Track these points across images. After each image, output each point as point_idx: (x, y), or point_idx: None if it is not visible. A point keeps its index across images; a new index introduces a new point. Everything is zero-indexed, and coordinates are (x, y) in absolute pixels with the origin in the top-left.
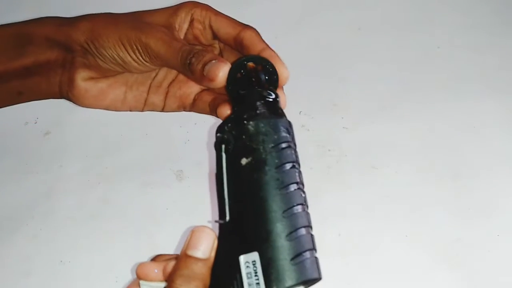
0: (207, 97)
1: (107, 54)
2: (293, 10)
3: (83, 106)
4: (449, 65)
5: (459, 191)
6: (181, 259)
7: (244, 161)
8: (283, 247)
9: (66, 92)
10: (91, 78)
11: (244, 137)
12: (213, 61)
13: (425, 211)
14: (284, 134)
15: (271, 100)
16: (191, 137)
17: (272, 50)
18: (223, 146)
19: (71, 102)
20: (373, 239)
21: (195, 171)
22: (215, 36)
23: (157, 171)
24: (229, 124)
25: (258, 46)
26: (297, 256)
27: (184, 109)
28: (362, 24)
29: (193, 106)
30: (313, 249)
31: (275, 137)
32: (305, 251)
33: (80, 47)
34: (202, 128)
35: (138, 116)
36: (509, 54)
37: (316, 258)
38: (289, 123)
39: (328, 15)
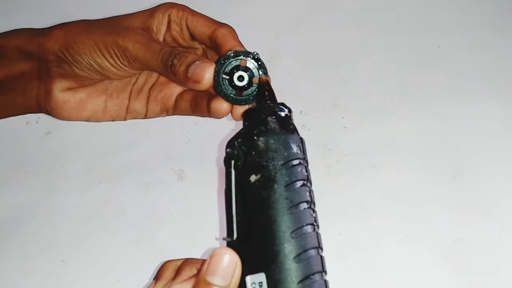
0: (188, 96)
1: (83, 61)
2: (294, 10)
3: (62, 119)
4: (449, 65)
5: (459, 190)
6: (200, 284)
7: (253, 178)
8: (290, 269)
9: (44, 105)
10: (69, 89)
11: (253, 153)
12: (197, 62)
13: (425, 210)
14: (294, 151)
15: (282, 115)
16: (191, 137)
17: (242, 47)
18: (233, 162)
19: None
20: (374, 239)
21: (196, 170)
22: (192, 36)
23: (158, 171)
24: (239, 140)
25: (229, 44)
26: (305, 279)
27: (167, 112)
28: (362, 24)
29: (176, 108)
30: (323, 271)
31: (285, 154)
32: (313, 274)
33: (54, 56)
34: (203, 128)
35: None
36: (509, 54)
37: (325, 281)
38: (301, 139)
39: (328, 15)
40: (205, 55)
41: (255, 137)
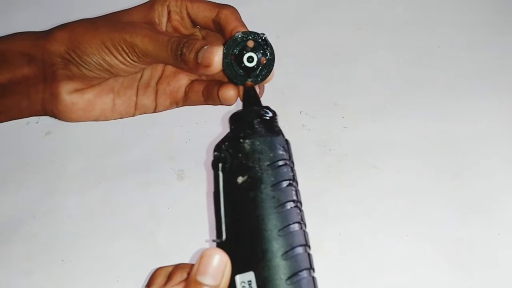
0: (199, 87)
1: (92, 61)
2: (294, 10)
3: (70, 121)
4: (449, 65)
5: (459, 190)
6: (191, 284)
7: (240, 179)
8: (278, 267)
9: (51, 109)
10: (76, 90)
11: (240, 155)
12: (205, 47)
13: (425, 210)
14: (280, 152)
15: (267, 118)
16: (192, 137)
17: (246, 28)
18: (220, 165)
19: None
20: (374, 239)
21: (196, 170)
22: (194, 23)
23: (158, 171)
24: (226, 143)
25: (232, 25)
26: (293, 275)
27: (177, 104)
28: (362, 24)
29: (186, 100)
30: (310, 268)
31: (271, 155)
32: (301, 271)
33: (60, 58)
34: (203, 127)
35: (139, 115)
36: (509, 53)
37: (313, 277)
38: (286, 141)
39: (328, 15)
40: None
41: (241, 140)
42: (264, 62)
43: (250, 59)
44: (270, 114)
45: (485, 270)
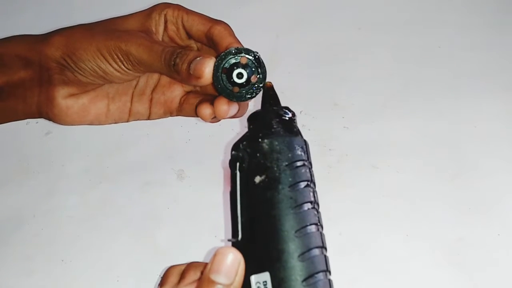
0: (194, 100)
1: (87, 67)
2: (294, 10)
3: (64, 124)
4: (449, 65)
5: (459, 190)
6: (204, 282)
7: (257, 179)
8: (294, 268)
9: (46, 112)
10: (71, 95)
11: (258, 155)
12: (198, 58)
13: (425, 210)
14: (298, 152)
15: (286, 118)
16: (192, 137)
17: (240, 44)
18: (238, 164)
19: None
20: (374, 238)
21: (196, 170)
22: (188, 35)
23: (158, 171)
24: (244, 142)
25: (226, 41)
26: (309, 277)
27: (171, 114)
28: (362, 24)
29: (181, 111)
30: (327, 270)
31: (290, 155)
32: (318, 273)
33: (56, 63)
34: (203, 127)
35: None
36: (509, 53)
37: (329, 280)
38: (305, 141)
39: (328, 15)
40: None
41: (260, 140)
42: (255, 80)
43: (240, 76)
44: (289, 115)
45: (485, 270)
